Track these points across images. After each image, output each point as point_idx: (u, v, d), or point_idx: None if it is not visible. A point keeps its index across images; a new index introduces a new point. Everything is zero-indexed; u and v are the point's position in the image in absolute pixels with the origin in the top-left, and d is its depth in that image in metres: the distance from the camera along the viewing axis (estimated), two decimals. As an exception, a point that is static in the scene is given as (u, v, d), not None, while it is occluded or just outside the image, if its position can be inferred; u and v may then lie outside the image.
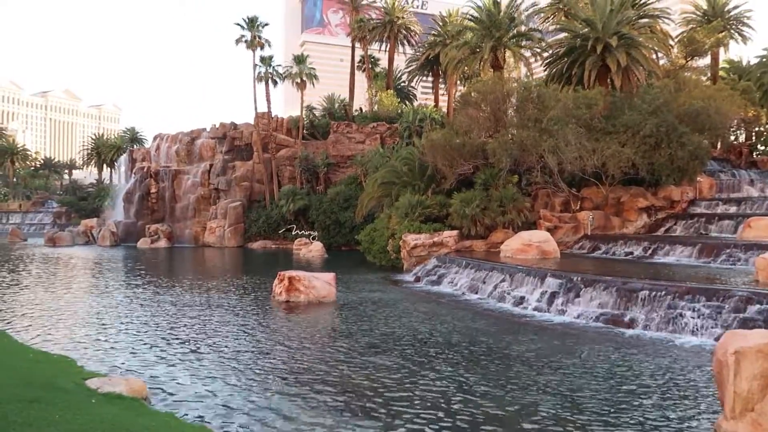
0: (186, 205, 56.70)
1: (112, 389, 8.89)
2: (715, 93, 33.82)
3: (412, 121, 47.26)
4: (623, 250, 25.77)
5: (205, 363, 12.21)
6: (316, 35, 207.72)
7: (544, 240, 25.66)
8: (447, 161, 33.05)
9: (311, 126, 58.41)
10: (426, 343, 14.10)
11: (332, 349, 13.56)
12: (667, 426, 8.63)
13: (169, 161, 60.11)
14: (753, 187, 33.32)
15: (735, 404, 7.88)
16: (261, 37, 53.01)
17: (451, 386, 10.56)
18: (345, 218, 45.35)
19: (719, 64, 51.04)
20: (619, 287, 16.97)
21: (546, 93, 31.85)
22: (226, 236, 52.37)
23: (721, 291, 15.06)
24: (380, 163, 40.65)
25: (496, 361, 12.44)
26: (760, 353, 7.82)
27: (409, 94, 68.61)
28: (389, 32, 59.40)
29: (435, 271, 26.09)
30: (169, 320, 16.98)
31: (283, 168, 54.38)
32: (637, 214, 30.37)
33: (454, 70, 46.18)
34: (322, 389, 10.45)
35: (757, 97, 45.32)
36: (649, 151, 29.11)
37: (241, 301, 20.90)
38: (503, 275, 21.43)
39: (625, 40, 34.13)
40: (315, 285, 20.65)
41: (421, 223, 31.25)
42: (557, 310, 17.88)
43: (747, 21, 50.01)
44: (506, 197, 30.31)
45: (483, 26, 40.80)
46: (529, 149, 30.31)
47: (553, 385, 10.67)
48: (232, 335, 15.03)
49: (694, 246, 23.04)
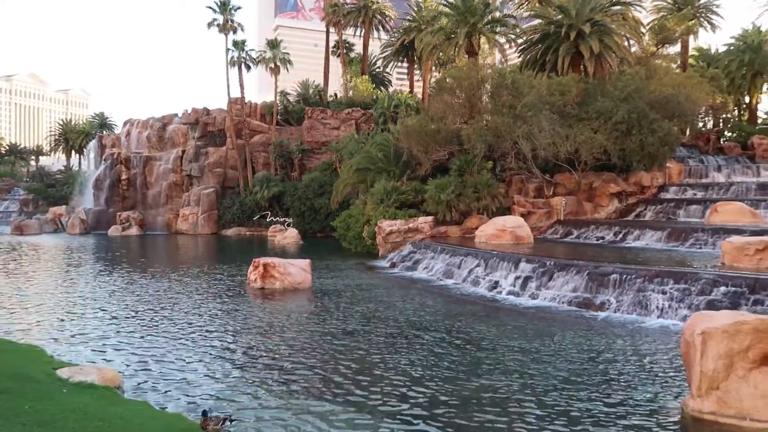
0: (158, 192, 55.82)
1: (84, 379, 8.75)
2: (685, 80, 34.46)
3: (387, 107, 47.11)
4: (595, 235, 26.20)
5: (180, 351, 12.10)
6: (290, 20, 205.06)
7: (517, 225, 25.93)
8: (422, 147, 33.09)
9: (285, 112, 57.84)
10: (401, 329, 14.18)
11: (307, 335, 13.56)
12: (636, 405, 8.84)
13: (140, 147, 58.97)
14: (720, 173, 34.12)
15: (701, 383, 8.11)
16: (234, 20, 52.17)
17: (422, 369, 10.66)
18: (320, 205, 45.17)
19: (689, 51, 51.90)
20: (591, 271, 17.27)
21: (520, 79, 32.02)
22: (199, 223, 51.78)
23: (688, 274, 15.43)
24: (355, 149, 40.50)
25: (467, 345, 12.58)
26: (725, 333, 8.06)
27: (384, 79, 68.31)
28: (364, 17, 58.92)
29: (410, 256, 26.20)
30: (142, 308, 16.75)
31: (257, 154, 53.85)
32: (608, 199, 30.86)
33: (429, 56, 46.14)
34: (296, 374, 10.45)
35: (725, 84, 46.28)
36: (620, 137, 29.54)
37: (215, 288, 20.72)
38: (478, 260, 21.62)
39: (598, 27, 34.45)
40: (290, 272, 20.57)
41: (396, 210, 31.30)
42: (531, 294, 18.14)
43: (716, 9, 50.89)
44: (481, 183, 30.51)
45: (458, 12, 40.75)
46: (503, 135, 30.52)
47: (523, 366, 10.84)
48: (207, 322, 14.90)
49: (663, 230, 23.54)
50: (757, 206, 25.12)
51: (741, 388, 7.96)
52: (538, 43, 37.54)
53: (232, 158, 53.71)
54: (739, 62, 49.37)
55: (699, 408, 8.13)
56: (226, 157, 54.16)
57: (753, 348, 7.98)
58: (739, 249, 16.60)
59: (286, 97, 61.34)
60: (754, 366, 8.00)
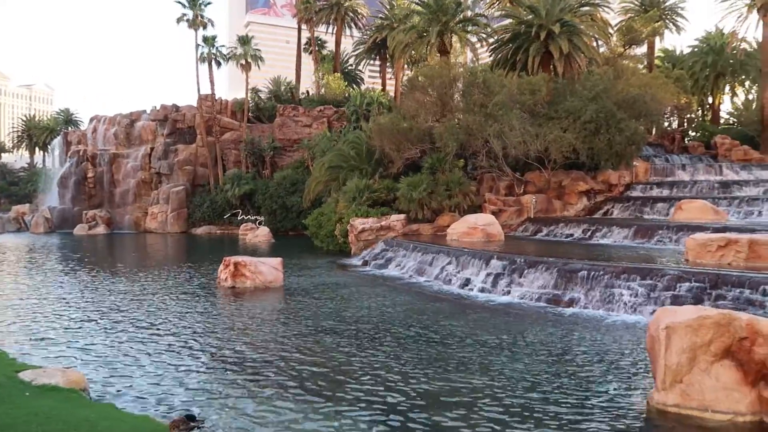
0: (126, 190, 54.78)
1: (48, 381, 8.53)
2: (651, 81, 35.18)
3: (359, 105, 47.03)
4: (564, 232, 26.59)
5: (147, 351, 11.89)
6: (261, 16, 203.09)
7: (489, 223, 26.16)
8: (394, 145, 33.13)
9: (257, 109, 57.27)
10: (371, 326, 14.19)
11: (277, 334, 13.47)
12: (603, 399, 9.01)
13: (107, 144, 57.73)
14: (684, 172, 34.95)
15: (666, 376, 8.31)
16: (203, 16, 51.41)
17: (393, 367, 10.69)
18: (292, 203, 44.88)
19: (655, 52, 53.01)
20: (560, 268, 17.53)
21: (491, 78, 32.29)
22: (168, 222, 50.98)
23: (654, 270, 15.78)
24: (327, 147, 40.34)
25: (438, 342, 12.65)
26: (688, 328, 8.26)
27: (357, 77, 68.16)
28: (336, 14, 58.68)
29: (382, 254, 26.23)
30: (108, 309, 16.42)
31: (228, 152, 53.24)
32: (577, 197, 31.35)
33: (401, 54, 46.20)
34: (267, 373, 10.37)
35: (689, 85, 47.45)
36: (589, 136, 30.02)
37: (184, 287, 20.43)
38: (449, 258, 21.76)
39: (568, 27, 34.94)
40: (261, 270, 20.40)
41: (368, 208, 31.28)
42: (501, 291, 18.33)
43: (681, 12, 52.09)
44: (452, 181, 30.70)
45: (430, 10, 40.89)
46: (474, 134, 30.75)
47: (492, 362, 10.95)
48: (175, 322, 14.68)
49: (630, 228, 24.02)
50: (719, 204, 25.84)
51: (703, 381, 8.18)
52: (508, 42, 37.90)
53: (203, 156, 52.98)
54: (703, 64, 50.72)
55: (663, 401, 8.32)
56: (196, 154, 53.41)
57: (715, 342, 8.20)
58: (702, 246, 17.03)
59: (258, 94, 60.78)
60: (716, 359, 8.22)
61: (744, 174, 34.12)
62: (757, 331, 7.97)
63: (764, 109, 42.83)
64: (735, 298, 13.61)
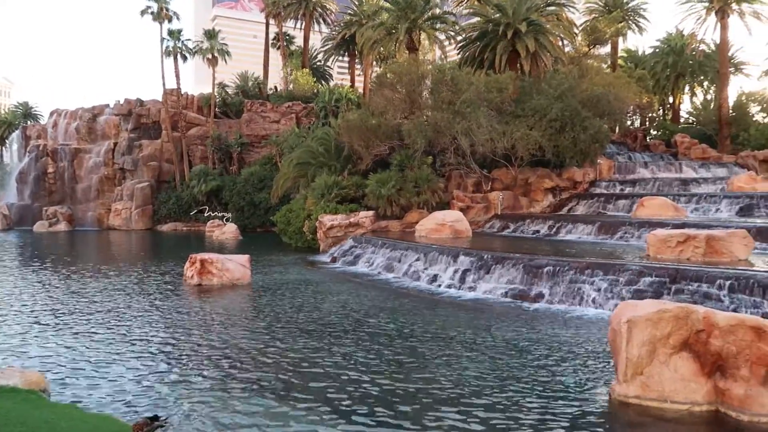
0: (88, 186, 53.46)
1: (6, 382, 8.27)
2: (614, 80, 35.92)
3: (328, 101, 46.84)
4: (530, 229, 27.00)
5: (109, 350, 11.65)
6: (228, 10, 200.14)
7: (456, 220, 26.37)
8: (363, 142, 33.12)
9: (224, 104, 56.50)
10: (339, 323, 14.18)
11: (244, 331, 13.34)
12: (567, 391, 9.20)
13: (68, 139, 56.17)
14: (646, 169, 35.86)
15: (627, 369, 8.52)
16: (168, 9, 50.45)
17: (359, 363, 10.70)
18: (260, 199, 44.47)
19: (618, 52, 54.19)
20: (526, 264, 17.80)
21: (459, 76, 32.52)
22: (133, 219, 49.98)
23: (617, 265, 16.15)
24: (296, 143, 40.08)
25: (405, 338, 12.72)
26: (649, 321, 8.49)
27: (326, 73, 67.81)
28: (305, 10, 58.24)
29: (351, 251, 26.21)
30: (70, 307, 16.01)
31: (194, 147, 52.41)
32: (543, 194, 31.86)
33: (370, 51, 46.18)
34: (232, 371, 10.27)
35: (651, 85, 48.69)
36: (554, 134, 30.52)
37: (149, 285, 20.05)
38: (418, 254, 21.87)
39: (534, 26, 35.42)
40: (229, 267, 20.17)
41: (337, 204, 31.22)
42: (469, 286, 18.51)
43: (643, 13, 53.32)
44: (421, 178, 30.84)
45: (398, 7, 40.96)
46: (443, 131, 30.94)
47: (458, 358, 11.06)
48: (139, 321, 14.41)
49: (593, 224, 24.52)
50: (678, 200, 26.59)
51: (663, 373, 8.42)
52: (476, 40, 38.24)
53: (168, 151, 52.10)
54: (664, 64, 52.05)
55: (625, 393, 8.54)
56: (161, 150, 52.44)
57: (674, 334, 8.45)
58: (662, 241, 17.50)
59: (225, 90, 59.97)
60: (675, 351, 8.47)
61: (702, 172, 35.19)
62: (713, 323, 8.23)
63: (722, 109, 44.25)
64: (693, 292, 14.03)
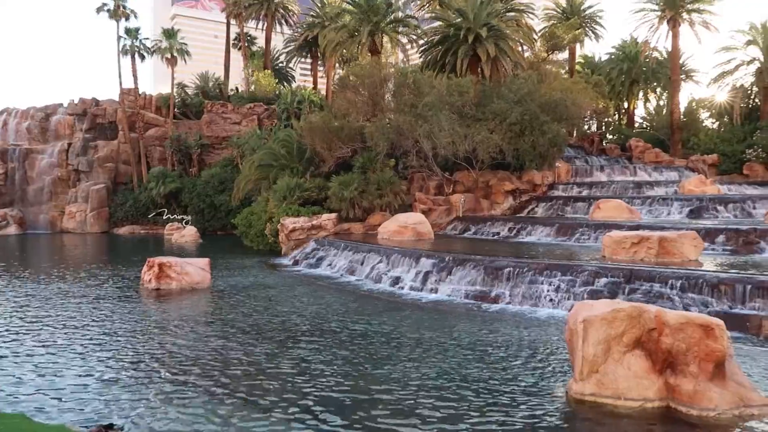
0: (41, 188, 51.72)
1: (-50, 392, 7.95)
2: (572, 85, 36.85)
3: (290, 103, 46.54)
4: (491, 231, 27.39)
5: (62, 358, 11.29)
6: (188, 9, 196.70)
7: (419, 222, 26.55)
8: (326, 144, 33.03)
9: (183, 105, 55.50)
10: (300, 326, 14.10)
11: (203, 336, 13.13)
12: (524, 391, 9.37)
13: (19, 139, 54.24)
14: (602, 173, 36.85)
15: (583, 367, 8.73)
16: (126, 6, 49.28)
17: (319, 366, 10.66)
18: (220, 201, 43.83)
19: (576, 58, 55.55)
20: (487, 265, 18.05)
21: (421, 79, 32.79)
22: (88, 221, 48.62)
23: (574, 266, 16.54)
24: (257, 145, 39.67)
25: (366, 340, 12.73)
26: (604, 321, 8.72)
27: (288, 75, 67.40)
28: (266, 10, 57.77)
29: (313, 254, 26.09)
30: (19, 313, 15.44)
31: (153, 149, 51.33)
32: (503, 196, 32.37)
33: (332, 53, 46.11)
34: (191, 377, 10.08)
35: (607, 90, 50.09)
36: (514, 137, 31.05)
37: (105, 290, 19.52)
38: (380, 257, 21.93)
39: (494, 31, 35.99)
40: (188, 271, 19.82)
41: (299, 206, 31.03)
42: (431, 288, 18.66)
43: (599, 20, 54.84)
44: (383, 180, 30.94)
45: (361, 10, 41.05)
46: (405, 134, 31.13)
47: (418, 359, 11.13)
48: (94, 327, 14.01)
49: (552, 226, 25.05)
50: (633, 203, 27.40)
51: (617, 371, 8.66)
52: (438, 44, 38.60)
53: (125, 152, 50.88)
54: (619, 70, 53.64)
55: (581, 390, 8.75)
56: (117, 151, 51.16)
57: (627, 333, 8.70)
58: (617, 242, 18.00)
59: (184, 90, 58.93)
60: (628, 349, 8.72)
61: (655, 175, 36.37)
62: (664, 322, 8.52)
63: (673, 115, 45.83)
64: (646, 292, 14.47)
